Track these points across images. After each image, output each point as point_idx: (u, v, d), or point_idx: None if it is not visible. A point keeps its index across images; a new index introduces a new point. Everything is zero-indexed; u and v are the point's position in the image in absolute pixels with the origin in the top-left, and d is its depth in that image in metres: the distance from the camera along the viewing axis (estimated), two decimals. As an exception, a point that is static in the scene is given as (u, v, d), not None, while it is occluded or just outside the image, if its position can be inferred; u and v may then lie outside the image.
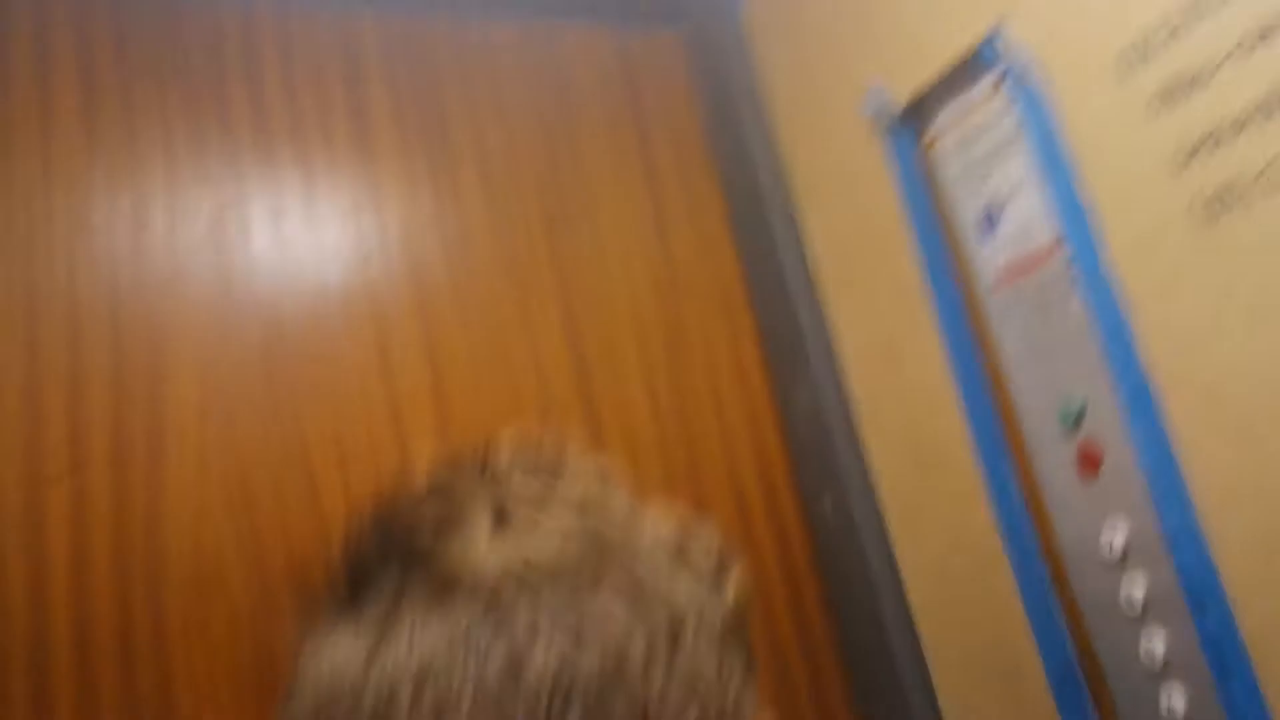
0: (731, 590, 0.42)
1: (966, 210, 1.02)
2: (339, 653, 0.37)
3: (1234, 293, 0.77)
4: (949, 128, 1.03)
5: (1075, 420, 0.93)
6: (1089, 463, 0.92)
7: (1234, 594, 0.79)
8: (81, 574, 0.89)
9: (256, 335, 1.01)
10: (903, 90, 1.05)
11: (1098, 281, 0.88)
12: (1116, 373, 0.87)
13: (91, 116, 1.01)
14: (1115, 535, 0.89)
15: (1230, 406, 0.78)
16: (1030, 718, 0.97)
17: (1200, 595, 0.82)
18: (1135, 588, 0.88)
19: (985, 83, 0.98)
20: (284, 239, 1.06)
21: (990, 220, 1.00)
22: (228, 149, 1.06)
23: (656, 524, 0.42)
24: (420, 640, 0.35)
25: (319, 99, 1.12)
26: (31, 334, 0.93)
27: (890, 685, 1.10)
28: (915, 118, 1.06)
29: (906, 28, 1.04)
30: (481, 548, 0.37)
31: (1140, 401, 0.85)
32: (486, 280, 1.14)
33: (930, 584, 1.09)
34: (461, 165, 1.17)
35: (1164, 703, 0.86)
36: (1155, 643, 0.87)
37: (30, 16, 1.00)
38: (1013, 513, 0.98)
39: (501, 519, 0.38)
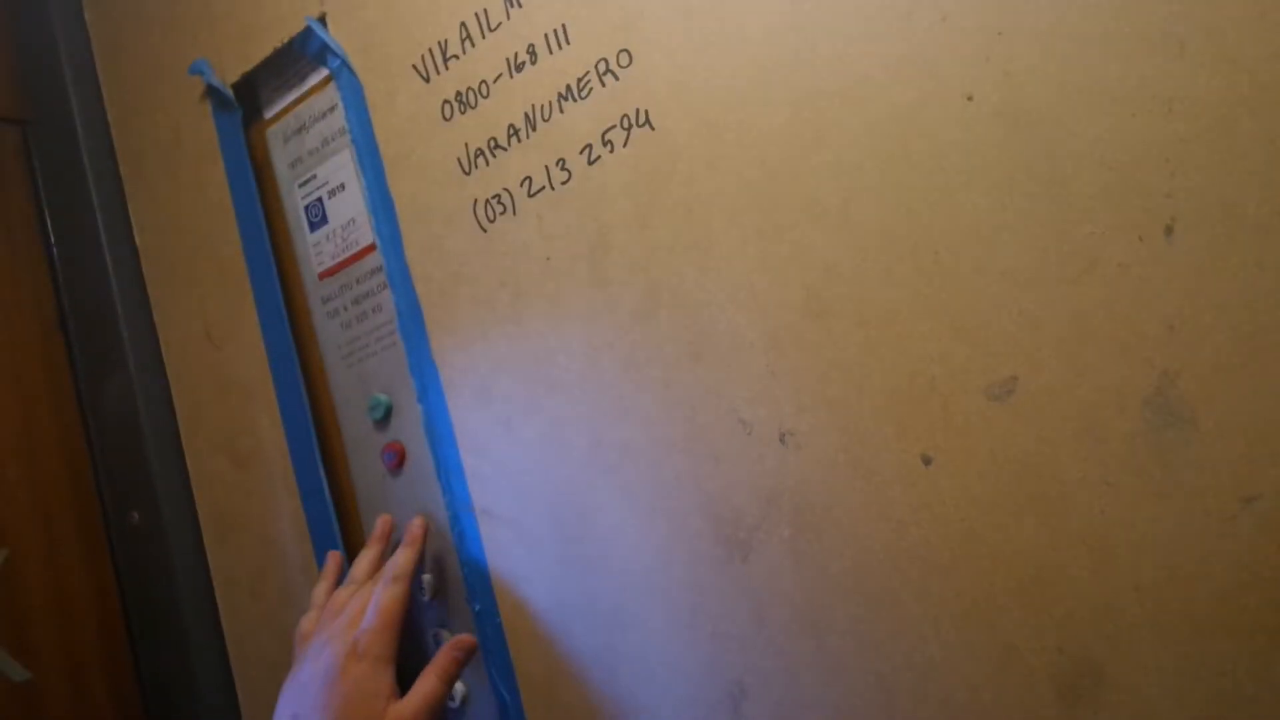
0: None
1: (297, 201, 0.99)
2: None
3: (506, 287, 0.82)
4: (284, 115, 0.99)
5: (384, 418, 0.93)
6: (398, 460, 0.93)
7: (498, 587, 0.84)
8: None
9: None
10: (234, 69, 0.99)
11: (401, 282, 0.89)
12: (414, 372, 0.89)
13: None
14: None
15: (499, 404, 0.83)
16: None
17: (475, 588, 0.86)
18: (426, 582, 0.90)
19: (319, 75, 0.96)
20: None
21: (319, 214, 0.97)
22: None
23: None
24: None
25: None
26: None
27: (193, 709, 1.01)
28: (247, 100, 1.01)
29: (239, 3, 0.99)
30: None
31: (433, 401, 0.88)
32: None
33: (243, 599, 1.02)
34: None
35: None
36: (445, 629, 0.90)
37: None
38: (321, 512, 0.95)
39: None
